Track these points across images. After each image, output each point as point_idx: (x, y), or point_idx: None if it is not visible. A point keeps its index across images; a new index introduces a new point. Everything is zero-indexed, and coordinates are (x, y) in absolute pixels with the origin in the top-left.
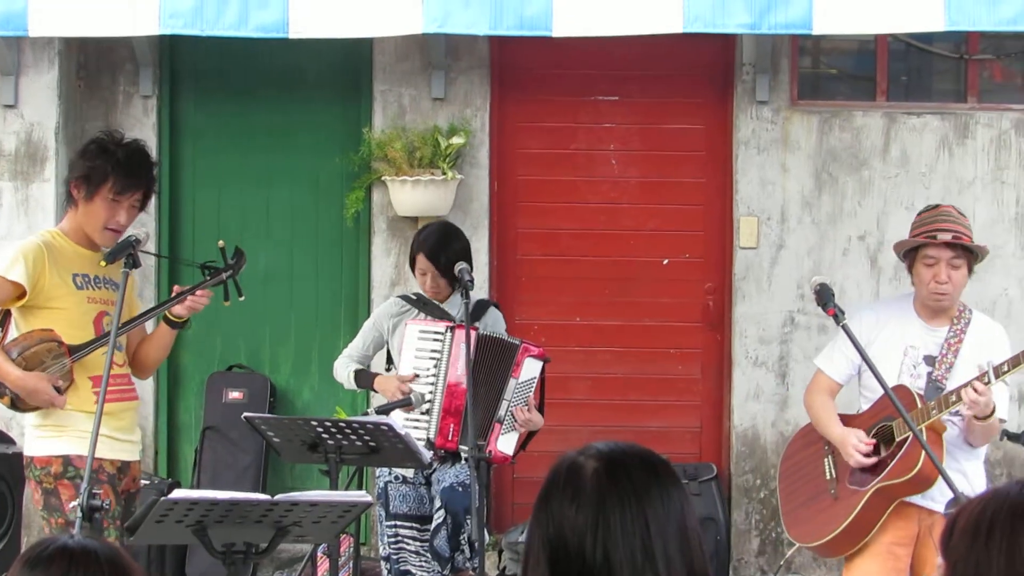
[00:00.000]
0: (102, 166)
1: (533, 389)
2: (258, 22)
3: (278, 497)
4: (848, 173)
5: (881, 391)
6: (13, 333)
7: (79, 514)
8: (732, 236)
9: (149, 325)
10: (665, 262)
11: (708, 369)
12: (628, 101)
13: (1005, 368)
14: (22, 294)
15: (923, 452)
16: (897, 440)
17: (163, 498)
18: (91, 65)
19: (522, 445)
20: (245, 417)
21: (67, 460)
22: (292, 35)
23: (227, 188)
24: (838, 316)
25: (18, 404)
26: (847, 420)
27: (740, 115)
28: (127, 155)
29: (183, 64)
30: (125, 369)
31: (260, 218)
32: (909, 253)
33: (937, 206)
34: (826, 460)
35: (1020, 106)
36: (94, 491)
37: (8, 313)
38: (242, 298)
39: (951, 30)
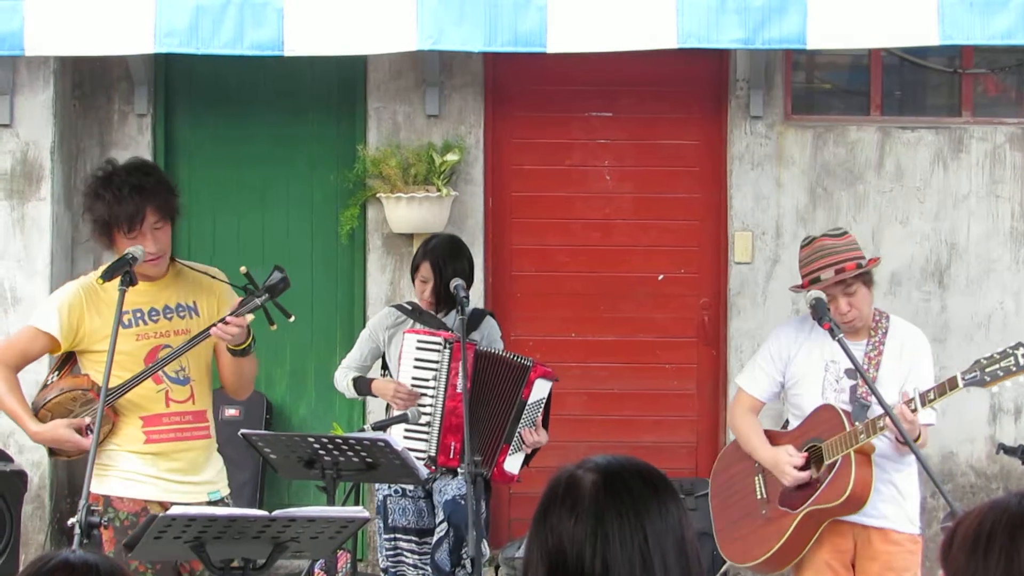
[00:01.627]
0: (101, 217)
1: (542, 410)
2: (253, 40)
3: (276, 513)
4: (843, 188)
5: (809, 410)
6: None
7: (78, 531)
8: (727, 251)
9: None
10: (660, 277)
11: (703, 384)
12: (622, 117)
13: (932, 396)
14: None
15: (852, 476)
16: (827, 463)
17: (161, 514)
18: (86, 84)
19: (524, 461)
20: (242, 434)
21: (107, 501)
22: (287, 53)
23: (222, 205)
24: (833, 331)
25: (57, 453)
26: (773, 438)
27: (734, 130)
28: (115, 193)
29: (178, 83)
30: (189, 406)
31: (255, 235)
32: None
33: (812, 240)
34: (756, 479)
35: (1014, 120)
36: (92, 507)
37: (70, 355)
38: (291, 319)
39: (945, 44)
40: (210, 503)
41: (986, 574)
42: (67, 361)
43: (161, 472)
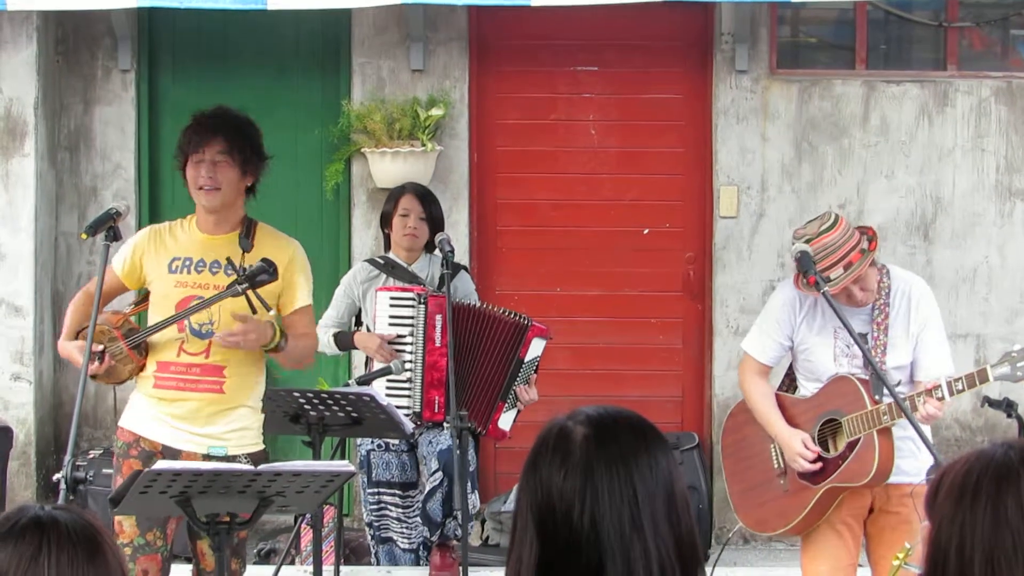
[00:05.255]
0: (181, 138)
1: (535, 367)
2: None
3: (261, 467)
4: (828, 142)
5: (823, 376)
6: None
7: (63, 487)
8: (712, 206)
9: None
10: (645, 232)
11: (689, 339)
12: (607, 71)
13: (960, 387)
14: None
15: (876, 456)
16: (848, 440)
17: (147, 469)
18: (69, 40)
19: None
20: None
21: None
22: (271, 7)
23: None
24: (819, 283)
25: (95, 376)
26: (789, 407)
27: (719, 84)
28: (198, 119)
29: (161, 38)
30: (201, 359)
31: None
32: None
33: (808, 240)
34: (772, 447)
35: (999, 73)
36: (78, 463)
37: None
38: (271, 312)
39: None
40: (207, 457)
41: (972, 523)
42: (145, 299)
43: (162, 414)
